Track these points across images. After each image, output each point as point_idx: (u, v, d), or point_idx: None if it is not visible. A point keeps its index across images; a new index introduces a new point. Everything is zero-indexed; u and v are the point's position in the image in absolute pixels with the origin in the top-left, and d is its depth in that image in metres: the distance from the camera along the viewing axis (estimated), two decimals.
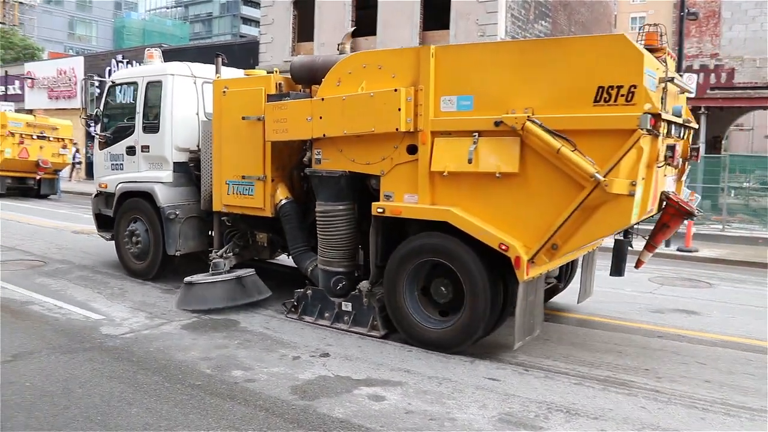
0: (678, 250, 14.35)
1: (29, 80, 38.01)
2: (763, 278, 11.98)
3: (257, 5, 36.74)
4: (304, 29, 25.74)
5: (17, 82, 39.34)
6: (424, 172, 6.60)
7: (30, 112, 32.15)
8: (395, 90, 6.60)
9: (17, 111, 30.90)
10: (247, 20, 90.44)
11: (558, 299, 9.13)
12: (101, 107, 10.74)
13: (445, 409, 5.21)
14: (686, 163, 7.45)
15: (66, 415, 4.92)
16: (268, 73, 8.64)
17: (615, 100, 5.62)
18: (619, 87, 5.60)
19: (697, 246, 14.57)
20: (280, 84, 8.18)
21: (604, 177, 5.58)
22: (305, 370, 6.03)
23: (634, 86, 5.54)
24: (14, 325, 7.27)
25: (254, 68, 13.32)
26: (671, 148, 6.09)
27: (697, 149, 7.42)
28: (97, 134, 10.80)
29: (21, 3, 68.87)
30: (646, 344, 7.31)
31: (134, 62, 29.92)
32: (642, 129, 5.46)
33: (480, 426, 4.93)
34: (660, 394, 5.73)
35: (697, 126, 7.51)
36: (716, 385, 6.02)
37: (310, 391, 5.50)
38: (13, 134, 23.60)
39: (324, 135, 7.24)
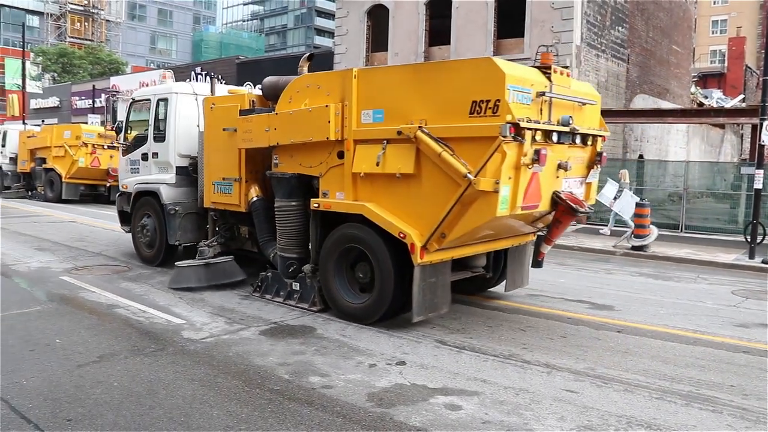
0: (763, 262, 13.75)
1: (114, 93, 39.60)
2: None
3: (331, 16, 37.27)
4: (378, 39, 25.96)
5: (103, 96, 41.07)
6: (348, 173, 7.91)
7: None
8: (326, 106, 7.96)
9: (102, 123, 32.33)
10: (321, 31, 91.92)
11: (633, 312, 8.93)
12: (125, 120, 12.65)
13: (522, 420, 5.16)
14: (594, 167, 8.22)
15: (151, 414, 5.10)
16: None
17: (484, 112, 6.68)
18: (487, 101, 6.65)
19: None
20: (253, 101, 9.67)
21: (474, 176, 6.65)
22: (381, 377, 6.07)
23: (498, 100, 6.57)
24: (101, 327, 7.59)
25: None
26: (537, 152, 6.82)
27: (601, 154, 8.19)
28: (120, 143, 12.74)
29: (108, 21, 71.99)
30: (730, 359, 7.04)
31: (212, 74, 30.74)
32: (503, 136, 6.46)
33: None
34: (748, 412, 5.51)
35: (606, 134, 8.30)
36: None
37: (386, 399, 5.53)
38: (86, 144, 24.96)
39: (278, 143, 8.72)
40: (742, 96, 38.88)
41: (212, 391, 5.62)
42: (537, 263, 8.51)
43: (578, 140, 7.61)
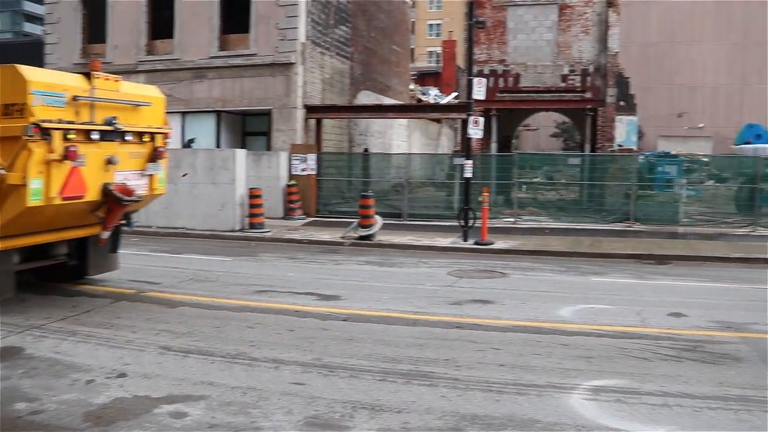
0: (475, 243, 15.16)
1: None
2: (549, 265, 13.04)
3: (41, 1, 34.02)
4: (96, 30, 24.21)
5: None
6: None
7: None
8: None
9: None
10: (31, 17, 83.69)
11: (358, 299, 9.34)
12: None
13: (249, 419, 5.11)
14: (155, 160, 9.15)
15: None
16: None
17: (14, 115, 7.44)
18: (15, 104, 7.44)
19: (492, 239, 15.45)
20: None
21: (6, 172, 7.38)
22: (100, 393, 5.64)
23: (24, 104, 7.38)
24: None
25: None
26: (67, 149, 7.66)
27: (157, 149, 9.13)
28: None
29: None
30: (445, 336, 7.64)
31: None
32: (29, 136, 7.30)
33: None
34: (459, 381, 6.02)
35: (167, 130, 9.39)
36: (509, 368, 6.43)
37: (105, 416, 5.16)
38: None
39: None
40: (455, 93, 42.61)
41: None
42: (114, 249, 9.64)
43: (129, 137, 8.61)
